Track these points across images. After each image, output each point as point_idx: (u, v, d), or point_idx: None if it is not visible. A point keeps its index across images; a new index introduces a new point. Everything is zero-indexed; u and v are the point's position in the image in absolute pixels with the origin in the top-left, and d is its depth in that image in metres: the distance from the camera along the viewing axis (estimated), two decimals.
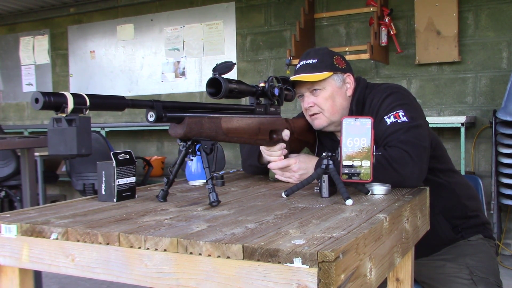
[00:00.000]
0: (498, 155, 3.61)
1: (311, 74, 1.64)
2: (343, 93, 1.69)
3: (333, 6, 4.54)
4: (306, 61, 1.68)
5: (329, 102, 1.66)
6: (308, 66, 1.67)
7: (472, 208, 1.72)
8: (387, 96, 1.60)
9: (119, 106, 1.08)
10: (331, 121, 1.68)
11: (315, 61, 1.67)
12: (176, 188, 1.48)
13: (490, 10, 3.94)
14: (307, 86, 1.67)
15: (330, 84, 1.66)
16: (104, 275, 0.94)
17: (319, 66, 1.66)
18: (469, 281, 1.56)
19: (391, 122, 1.52)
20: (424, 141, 1.49)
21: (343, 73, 1.69)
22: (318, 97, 1.67)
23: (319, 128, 1.71)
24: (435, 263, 1.65)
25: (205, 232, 0.91)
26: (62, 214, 1.11)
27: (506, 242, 3.96)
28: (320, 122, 1.69)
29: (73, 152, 0.98)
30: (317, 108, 1.67)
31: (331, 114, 1.67)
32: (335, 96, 1.67)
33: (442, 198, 1.65)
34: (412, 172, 1.42)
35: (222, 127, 1.31)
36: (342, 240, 0.84)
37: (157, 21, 5.48)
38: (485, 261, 1.64)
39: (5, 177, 4.22)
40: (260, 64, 4.96)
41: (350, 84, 1.70)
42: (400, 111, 1.53)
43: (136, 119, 5.57)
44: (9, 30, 6.48)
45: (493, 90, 3.96)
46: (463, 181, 1.76)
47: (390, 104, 1.57)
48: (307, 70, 1.66)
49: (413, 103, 1.61)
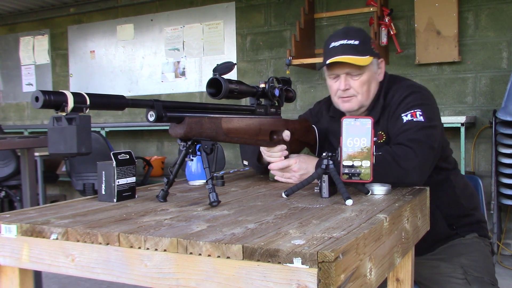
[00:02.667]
0: (498, 155, 3.61)
1: (355, 57, 1.59)
2: (377, 78, 1.69)
3: (333, 6, 4.54)
4: (348, 41, 1.62)
5: (365, 87, 1.64)
6: (349, 47, 1.61)
7: (469, 207, 1.74)
8: (408, 95, 1.60)
9: (119, 106, 1.08)
10: (362, 105, 1.67)
11: (357, 43, 1.62)
12: (176, 188, 1.48)
13: (490, 10, 3.94)
14: (346, 69, 1.62)
15: (369, 69, 1.64)
16: (104, 275, 0.94)
17: (361, 49, 1.61)
18: (463, 280, 1.56)
19: (407, 120, 1.54)
20: (434, 142, 1.50)
21: (378, 58, 1.69)
22: (356, 81, 1.63)
23: (348, 110, 1.69)
24: (430, 263, 1.65)
25: (205, 232, 0.91)
26: (62, 214, 1.11)
27: (506, 242, 3.96)
28: (351, 105, 1.66)
29: (73, 150, 0.98)
30: (353, 91, 1.65)
31: (364, 99, 1.66)
32: (371, 81, 1.66)
33: (441, 194, 1.67)
34: (414, 167, 1.43)
35: (222, 127, 1.31)
36: (342, 240, 0.84)
37: (157, 21, 5.48)
38: (480, 260, 1.64)
39: (5, 177, 4.22)
40: (260, 64, 4.96)
41: (382, 69, 1.70)
42: (418, 110, 1.54)
43: (136, 119, 5.57)
44: (9, 30, 6.48)
45: (493, 90, 3.96)
46: (463, 181, 1.77)
47: (409, 102, 1.58)
48: (349, 52, 1.60)
49: (432, 105, 1.62)
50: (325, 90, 5.11)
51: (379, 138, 1.64)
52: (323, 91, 4.63)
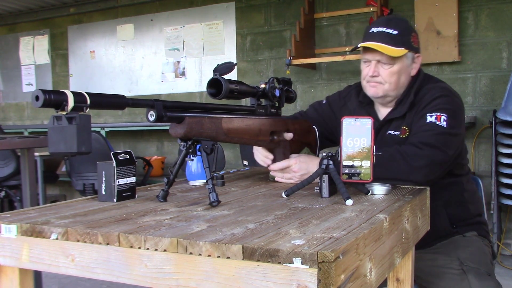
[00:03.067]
0: (498, 155, 3.61)
1: (388, 47, 1.60)
2: (409, 72, 1.69)
3: (333, 6, 4.54)
4: (386, 29, 1.63)
5: (394, 78, 1.64)
6: (386, 35, 1.62)
7: (474, 213, 1.76)
8: (439, 97, 1.61)
9: (120, 105, 1.08)
10: (387, 94, 1.67)
11: (396, 33, 1.62)
12: (176, 188, 1.48)
13: (490, 10, 3.94)
14: (377, 57, 1.63)
15: (401, 62, 1.64)
16: (104, 275, 0.94)
17: (398, 40, 1.62)
18: (459, 271, 1.57)
19: (430, 121, 1.55)
20: (450, 149, 1.52)
21: (414, 53, 1.69)
22: (385, 70, 1.64)
23: (373, 96, 1.70)
24: (427, 256, 1.66)
25: (205, 232, 0.91)
26: (62, 214, 1.11)
27: (506, 242, 3.96)
28: (376, 91, 1.67)
29: (73, 150, 0.98)
30: (380, 79, 1.65)
31: (391, 89, 1.66)
32: (401, 73, 1.66)
33: (450, 195, 1.68)
34: (420, 166, 1.44)
35: (222, 128, 1.31)
36: (342, 240, 0.84)
37: (157, 21, 5.48)
38: (477, 254, 1.65)
39: (5, 177, 4.22)
40: (260, 64, 4.96)
41: (416, 64, 1.70)
42: (444, 115, 1.55)
43: (136, 119, 5.57)
44: (9, 30, 6.48)
45: (493, 90, 3.96)
46: (473, 188, 1.80)
47: (438, 104, 1.58)
48: (385, 40, 1.61)
49: (459, 112, 1.62)
50: (325, 90, 5.13)
51: (402, 133, 1.64)
52: (323, 91, 4.63)
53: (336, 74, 4.58)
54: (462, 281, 1.54)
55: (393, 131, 1.68)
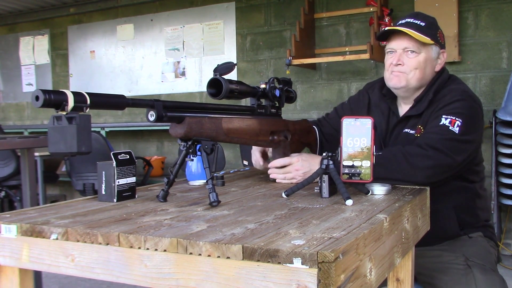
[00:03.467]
0: (498, 155, 3.61)
1: (416, 33, 1.61)
2: (433, 66, 1.69)
3: (333, 6, 4.54)
4: (414, 20, 1.65)
5: (420, 67, 1.64)
6: (414, 25, 1.64)
7: (483, 219, 1.76)
8: (458, 100, 1.60)
9: (120, 105, 1.08)
10: (409, 85, 1.66)
11: (423, 24, 1.64)
12: (176, 188, 1.48)
13: (490, 10, 3.94)
14: (404, 44, 1.64)
15: (427, 52, 1.65)
16: (104, 275, 0.94)
17: (425, 31, 1.63)
18: (464, 266, 1.57)
19: (443, 123, 1.53)
20: (458, 155, 1.50)
21: (440, 48, 1.69)
22: (411, 59, 1.64)
23: (394, 86, 1.69)
24: (432, 253, 1.66)
25: (205, 232, 0.91)
26: (62, 214, 1.11)
27: (506, 242, 3.96)
28: (399, 80, 1.66)
29: (73, 150, 0.98)
30: (405, 68, 1.65)
31: (414, 80, 1.65)
32: (426, 65, 1.66)
33: (460, 198, 1.68)
34: (423, 168, 1.44)
35: (222, 128, 1.31)
36: (342, 240, 0.84)
37: (157, 21, 5.48)
38: (482, 251, 1.66)
39: (5, 177, 4.22)
40: (260, 64, 4.96)
41: (441, 60, 1.71)
42: (459, 120, 1.53)
43: (136, 119, 5.57)
44: (9, 30, 6.48)
45: (493, 90, 3.96)
46: (484, 194, 1.79)
47: (456, 108, 1.57)
48: (413, 27, 1.63)
49: (476, 118, 1.61)
50: (325, 90, 5.12)
51: (417, 132, 1.64)
52: (323, 91, 4.63)
53: (336, 74, 4.58)
54: (466, 275, 1.54)
55: (409, 129, 1.67)
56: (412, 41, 1.62)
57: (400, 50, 1.65)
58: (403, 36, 1.63)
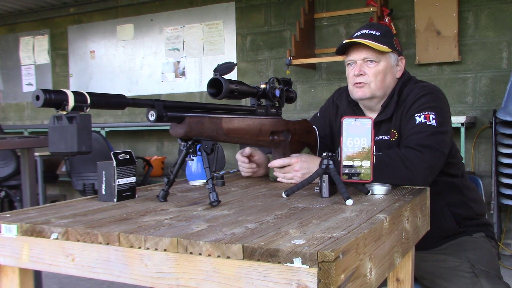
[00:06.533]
0: (498, 155, 3.61)
1: (373, 42, 1.64)
2: (394, 73, 1.71)
3: (333, 6, 4.54)
4: (369, 30, 1.68)
5: (380, 77, 1.67)
6: (370, 35, 1.66)
7: (477, 212, 1.76)
8: (423, 95, 1.62)
9: (120, 105, 1.08)
10: (374, 95, 1.69)
11: (378, 34, 1.67)
12: (176, 188, 1.48)
13: (490, 10, 3.94)
14: (363, 55, 1.67)
15: (386, 60, 1.68)
16: (104, 275, 0.94)
17: (381, 40, 1.66)
18: (470, 274, 1.57)
19: (420, 121, 1.56)
20: (445, 148, 1.54)
21: (398, 55, 1.72)
22: (370, 68, 1.66)
23: (359, 98, 1.71)
24: (435, 257, 1.66)
25: (205, 232, 0.91)
26: (62, 214, 1.11)
27: (506, 242, 3.96)
28: (363, 92, 1.68)
29: (73, 149, 0.98)
30: (366, 78, 1.67)
31: (377, 88, 1.68)
32: (387, 73, 1.68)
33: (450, 194, 1.69)
34: (421, 171, 1.46)
35: (223, 128, 1.31)
36: (342, 240, 0.84)
37: (157, 21, 5.48)
38: (486, 256, 1.66)
39: (5, 177, 4.22)
40: (260, 64, 4.96)
41: (401, 67, 1.73)
42: (432, 113, 1.56)
43: (136, 119, 5.57)
44: (9, 30, 6.48)
45: (493, 90, 3.96)
46: (472, 187, 1.80)
47: (424, 103, 1.60)
48: (369, 38, 1.65)
49: (445, 108, 1.64)
50: (325, 90, 5.12)
51: (392, 136, 1.66)
52: (323, 91, 4.63)
53: (336, 74, 4.58)
54: (474, 284, 1.55)
55: (383, 136, 1.69)
56: (371, 51, 1.65)
57: (360, 61, 1.67)
58: (361, 47, 1.66)
